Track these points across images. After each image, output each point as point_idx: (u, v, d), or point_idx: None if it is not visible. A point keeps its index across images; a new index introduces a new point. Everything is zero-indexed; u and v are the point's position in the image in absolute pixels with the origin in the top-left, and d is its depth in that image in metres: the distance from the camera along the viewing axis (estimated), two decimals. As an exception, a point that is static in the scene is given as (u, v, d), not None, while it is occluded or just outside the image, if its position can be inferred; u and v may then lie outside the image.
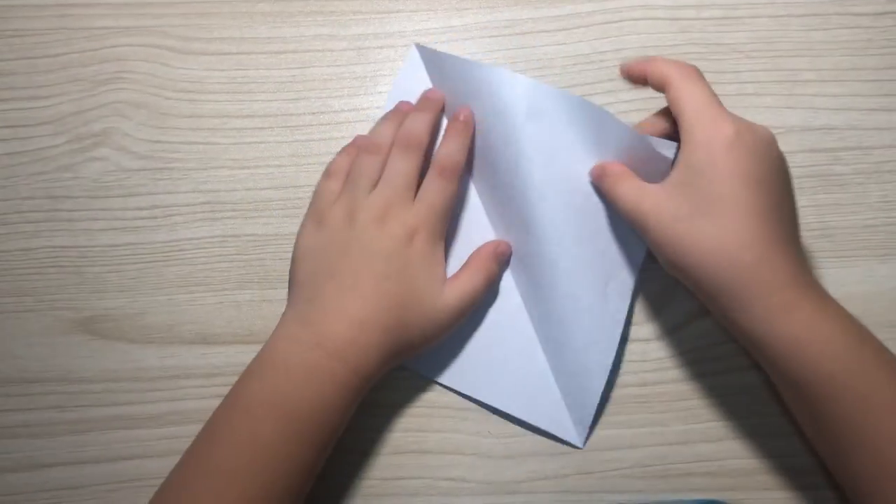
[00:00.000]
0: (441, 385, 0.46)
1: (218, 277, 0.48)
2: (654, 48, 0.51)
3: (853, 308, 0.46)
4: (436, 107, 0.47)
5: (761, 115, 0.50)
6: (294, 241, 0.45)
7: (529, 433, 0.46)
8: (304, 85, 0.50)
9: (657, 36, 0.51)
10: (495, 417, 0.46)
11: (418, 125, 0.46)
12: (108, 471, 0.45)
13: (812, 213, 0.49)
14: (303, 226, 0.45)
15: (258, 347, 0.45)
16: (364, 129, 0.49)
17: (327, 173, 0.46)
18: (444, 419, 0.46)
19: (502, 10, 0.51)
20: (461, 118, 0.46)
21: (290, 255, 0.47)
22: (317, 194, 0.46)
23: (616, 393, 0.47)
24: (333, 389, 0.39)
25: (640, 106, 0.50)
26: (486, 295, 0.46)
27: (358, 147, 0.46)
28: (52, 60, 0.50)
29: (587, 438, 0.46)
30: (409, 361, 0.46)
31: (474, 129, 0.46)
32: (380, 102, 0.50)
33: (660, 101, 0.44)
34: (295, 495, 0.38)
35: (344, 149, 0.47)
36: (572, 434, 0.45)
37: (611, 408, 0.46)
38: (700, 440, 0.46)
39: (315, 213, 0.45)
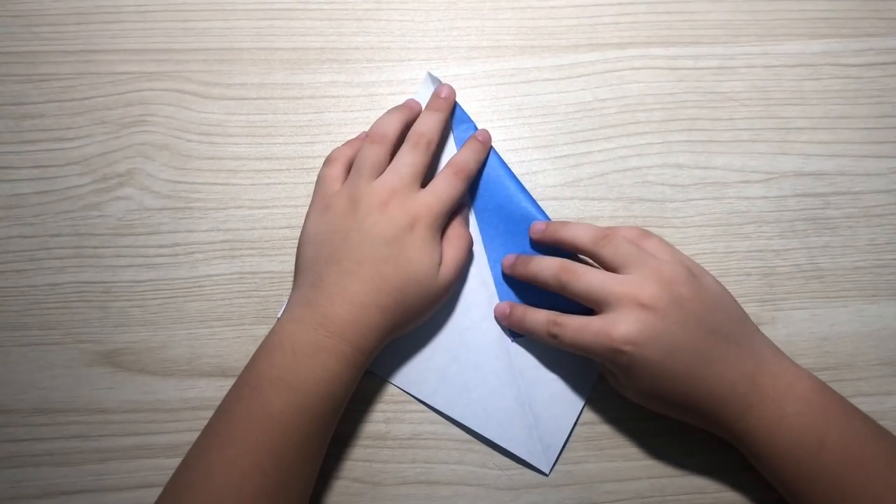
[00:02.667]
0: (419, 401, 0.49)
1: (236, 313, 0.50)
2: (653, 96, 0.53)
3: (843, 347, 0.48)
4: (447, 106, 0.50)
5: (755, 161, 0.52)
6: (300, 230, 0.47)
7: (532, 466, 0.48)
8: (320, 129, 0.52)
9: (656, 84, 0.53)
10: (499, 450, 0.48)
11: (431, 123, 0.49)
12: (129, 498, 0.47)
13: (803, 255, 0.51)
14: (308, 213, 0.47)
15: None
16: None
17: (328, 160, 0.48)
18: (451, 451, 0.48)
19: (508, 59, 0.54)
20: (480, 138, 0.50)
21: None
22: (320, 181, 0.48)
23: (615, 425, 0.48)
24: (337, 364, 0.42)
25: (640, 151, 0.52)
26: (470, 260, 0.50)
27: (364, 136, 0.49)
28: (79, 104, 0.53)
29: (553, 466, 0.48)
30: (393, 378, 0.49)
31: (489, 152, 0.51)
32: (392, 146, 0.52)
33: (666, 146, 0.46)
34: (309, 461, 0.41)
35: (347, 141, 0.50)
36: (541, 460, 0.47)
37: (610, 440, 0.48)
38: (699, 472, 0.48)
39: (320, 199, 0.47)
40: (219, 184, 0.51)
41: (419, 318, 0.46)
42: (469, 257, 0.49)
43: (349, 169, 0.48)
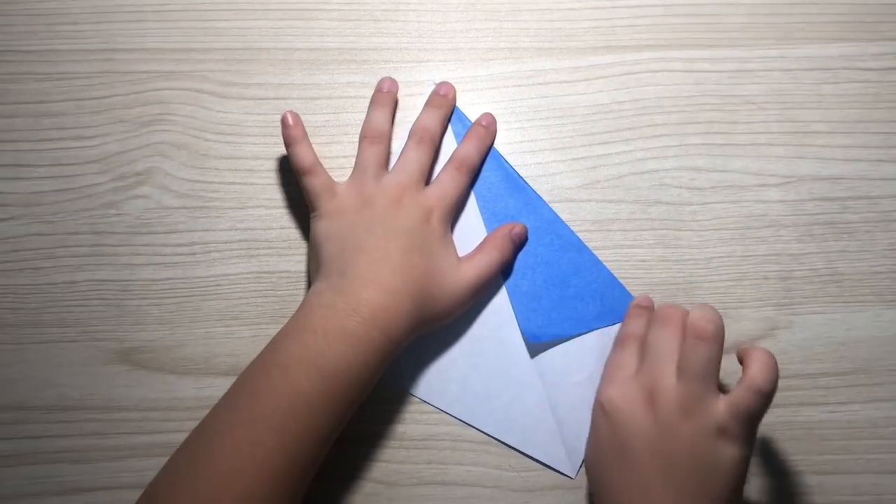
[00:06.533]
0: (441, 411, 0.49)
1: (253, 312, 0.50)
2: (671, 99, 0.53)
3: (860, 352, 0.48)
4: (448, 104, 0.51)
5: (773, 165, 0.52)
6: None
7: (548, 469, 0.48)
8: (338, 129, 0.52)
9: (673, 87, 0.53)
10: (515, 452, 0.48)
11: (432, 121, 0.50)
12: (145, 496, 0.47)
13: (821, 260, 0.51)
14: (315, 223, 0.47)
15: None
16: (394, 172, 0.51)
17: (307, 171, 0.47)
18: (466, 452, 0.48)
19: (526, 61, 0.54)
20: (483, 123, 0.51)
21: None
22: (312, 191, 0.47)
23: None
24: (367, 351, 0.42)
25: (658, 153, 0.52)
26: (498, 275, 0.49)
27: (362, 139, 0.49)
28: (98, 102, 0.53)
29: (579, 470, 0.48)
30: (414, 389, 0.49)
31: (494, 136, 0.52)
32: (409, 147, 0.52)
33: (684, 149, 0.46)
34: (325, 446, 0.41)
35: (293, 139, 0.48)
36: (565, 465, 0.47)
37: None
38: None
39: (323, 207, 0.46)
40: (236, 183, 0.51)
41: (444, 314, 0.46)
42: (495, 275, 0.49)
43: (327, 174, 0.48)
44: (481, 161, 0.51)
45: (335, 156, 0.52)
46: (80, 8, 0.54)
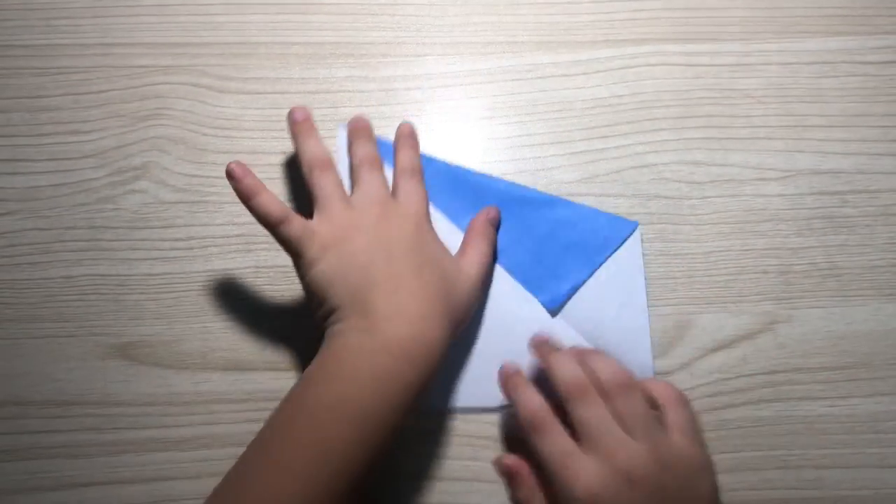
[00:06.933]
0: (491, 410, 0.48)
1: (251, 307, 0.50)
2: (670, 93, 0.53)
3: (860, 346, 0.48)
4: (369, 133, 0.49)
5: (772, 159, 0.52)
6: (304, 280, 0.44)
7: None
8: (336, 124, 0.52)
9: (672, 81, 0.53)
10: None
11: (369, 149, 0.48)
12: (143, 491, 0.47)
13: (820, 254, 0.51)
14: (308, 268, 0.43)
15: (289, 374, 0.47)
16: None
17: (285, 221, 0.44)
18: (465, 447, 0.48)
19: (524, 55, 0.54)
20: (406, 132, 0.50)
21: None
22: (291, 240, 0.44)
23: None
24: (400, 392, 0.40)
25: (657, 147, 0.52)
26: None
27: (312, 169, 0.46)
28: (95, 97, 0.53)
29: None
30: (455, 402, 0.48)
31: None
32: (407, 141, 0.52)
33: (683, 143, 0.46)
34: (353, 491, 0.39)
35: (255, 192, 0.44)
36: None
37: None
38: (721, 472, 0.47)
39: (309, 250, 0.43)
40: (234, 178, 0.51)
41: (467, 318, 0.46)
42: (491, 266, 0.49)
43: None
44: (419, 163, 0.50)
45: (334, 150, 0.51)
46: (78, 3, 0.54)
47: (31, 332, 0.49)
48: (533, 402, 0.43)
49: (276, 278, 0.50)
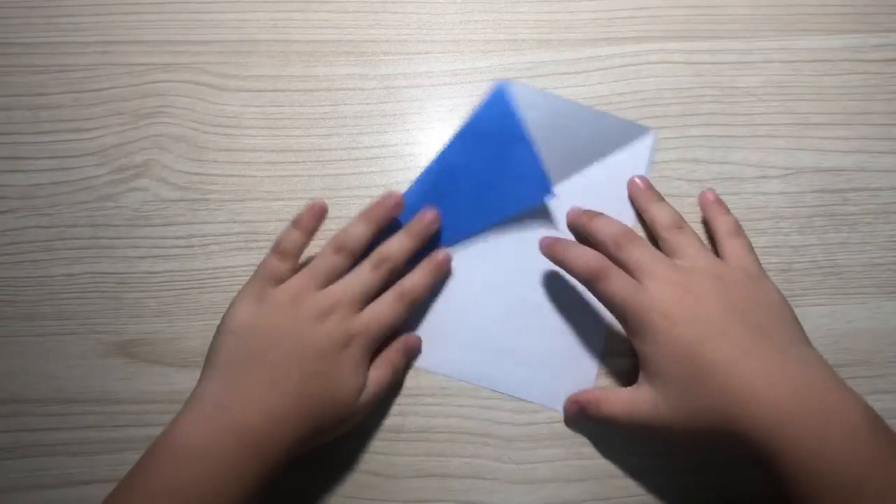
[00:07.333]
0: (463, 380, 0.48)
1: (251, 305, 0.50)
2: (671, 91, 0.53)
3: (861, 344, 0.48)
4: (423, 235, 0.48)
5: (773, 157, 0.52)
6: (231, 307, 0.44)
7: (547, 461, 0.47)
8: (336, 121, 0.52)
9: (673, 79, 0.53)
10: (515, 444, 0.48)
11: (398, 250, 0.47)
12: (143, 489, 0.47)
13: (821, 252, 0.51)
14: (240, 297, 0.44)
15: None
16: (393, 164, 0.51)
17: (279, 251, 0.46)
18: (465, 445, 0.48)
19: (525, 52, 0.53)
20: (440, 258, 0.48)
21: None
22: (263, 268, 0.45)
23: (631, 422, 0.48)
24: (239, 478, 0.39)
25: (658, 145, 0.52)
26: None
27: (330, 244, 0.47)
28: (96, 95, 0.53)
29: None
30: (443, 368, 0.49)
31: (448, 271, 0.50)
32: (408, 139, 0.52)
33: (684, 140, 0.46)
34: None
35: (296, 223, 0.47)
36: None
37: (626, 436, 0.48)
38: (716, 468, 0.47)
39: (257, 288, 0.44)
40: (235, 175, 0.51)
41: (332, 431, 0.44)
42: (394, 385, 0.48)
43: (299, 267, 0.46)
44: (426, 296, 0.48)
45: (334, 147, 0.52)
46: (78, 0, 0.54)
47: (31, 330, 0.49)
48: (587, 254, 0.44)
49: (276, 276, 0.50)
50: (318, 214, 0.47)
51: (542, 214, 0.50)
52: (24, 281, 0.50)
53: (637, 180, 0.50)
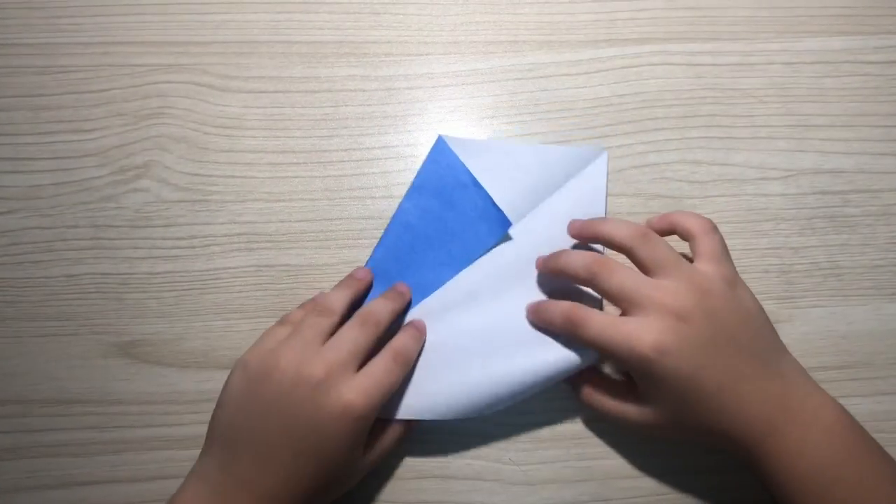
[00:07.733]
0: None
1: (253, 305, 0.50)
2: (672, 92, 0.53)
3: (861, 345, 0.48)
4: (403, 301, 0.47)
5: (774, 158, 0.52)
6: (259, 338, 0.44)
7: (548, 462, 0.47)
8: (337, 123, 0.52)
9: (674, 80, 0.53)
10: (516, 445, 0.48)
11: (382, 310, 0.45)
12: (144, 490, 0.47)
13: (822, 253, 0.51)
14: (242, 361, 0.43)
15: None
16: (394, 165, 0.51)
17: (282, 321, 0.45)
18: (466, 445, 0.48)
19: (526, 54, 0.54)
20: (418, 326, 0.47)
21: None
22: (265, 335, 0.45)
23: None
24: None
25: (658, 147, 0.52)
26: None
27: (309, 307, 0.46)
28: (97, 95, 0.53)
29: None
30: (441, 415, 0.46)
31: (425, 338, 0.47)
32: (409, 141, 0.52)
33: (685, 142, 0.46)
34: None
35: (303, 305, 0.47)
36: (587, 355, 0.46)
37: (627, 436, 0.48)
38: (717, 470, 0.47)
39: (254, 355, 0.43)
40: (236, 176, 0.51)
41: (337, 495, 0.43)
42: (396, 445, 0.46)
43: None
44: (417, 355, 0.46)
45: (335, 149, 0.52)
46: (79, 1, 0.54)
47: (32, 331, 0.49)
48: (584, 254, 0.44)
49: (277, 277, 0.50)
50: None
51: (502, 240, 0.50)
52: (25, 282, 0.50)
53: (573, 223, 0.47)
